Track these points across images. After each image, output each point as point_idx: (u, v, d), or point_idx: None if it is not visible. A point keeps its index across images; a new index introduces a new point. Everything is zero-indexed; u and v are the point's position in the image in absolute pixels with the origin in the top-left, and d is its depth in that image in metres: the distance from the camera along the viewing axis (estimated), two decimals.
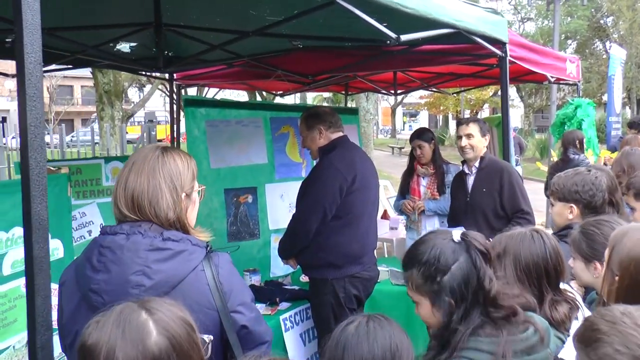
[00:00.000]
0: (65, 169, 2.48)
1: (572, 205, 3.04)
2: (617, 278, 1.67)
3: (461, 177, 4.43)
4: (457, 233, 1.83)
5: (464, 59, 4.72)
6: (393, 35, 2.77)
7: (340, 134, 3.91)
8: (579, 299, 2.25)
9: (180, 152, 1.98)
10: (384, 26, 2.80)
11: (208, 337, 1.57)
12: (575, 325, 2.05)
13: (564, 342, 1.94)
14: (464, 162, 4.38)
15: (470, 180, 4.31)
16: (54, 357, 1.34)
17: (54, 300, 1.86)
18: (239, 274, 2.10)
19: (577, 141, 6.36)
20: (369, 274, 3.86)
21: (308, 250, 3.74)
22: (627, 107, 27.78)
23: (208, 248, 1.89)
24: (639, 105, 28.44)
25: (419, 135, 5.39)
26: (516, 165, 13.47)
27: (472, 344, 1.74)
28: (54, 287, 2.32)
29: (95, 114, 14.76)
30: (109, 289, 1.71)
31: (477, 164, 4.25)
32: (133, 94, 37.68)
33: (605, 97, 25.80)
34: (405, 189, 5.49)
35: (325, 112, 3.94)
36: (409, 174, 5.52)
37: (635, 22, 25.41)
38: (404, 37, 2.86)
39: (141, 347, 1.27)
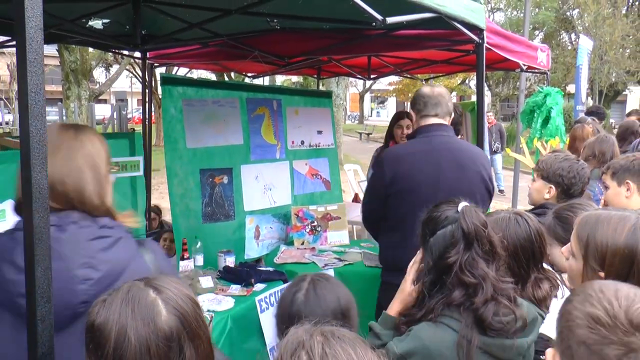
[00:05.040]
0: None
1: (552, 186, 3.16)
2: (602, 274, 1.64)
3: None
4: (462, 204, 1.93)
5: (441, 44, 4.75)
6: (379, 17, 2.76)
7: (431, 121, 3.32)
8: (560, 277, 2.33)
9: (92, 130, 1.81)
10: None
11: (210, 315, 1.57)
12: (555, 303, 2.14)
13: (544, 319, 2.01)
14: None
15: None
16: (53, 330, 1.32)
17: None
18: None
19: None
20: None
21: None
22: (590, 98, 28.38)
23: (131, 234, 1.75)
24: (601, 96, 29.05)
25: (408, 114, 5.44)
26: (497, 153, 13.57)
27: (447, 312, 1.85)
28: None
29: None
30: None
31: None
32: (99, 74, 36.80)
33: (569, 88, 26.31)
34: None
35: (419, 95, 3.38)
36: None
37: (599, 15, 25.85)
38: (390, 20, 2.86)
39: (152, 326, 1.26)
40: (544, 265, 2.31)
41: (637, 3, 31.23)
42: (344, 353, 1.07)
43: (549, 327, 1.98)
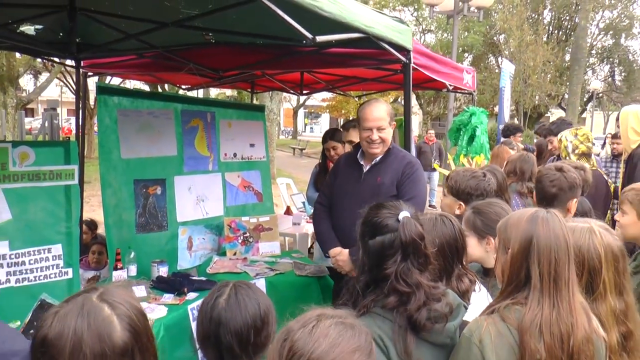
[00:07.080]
0: None
1: (461, 203, 3.38)
2: (509, 250, 1.96)
3: None
4: (403, 214, 2.03)
5: (370, 63, 4.92)
6: (309, 35, 2.91)
7: None
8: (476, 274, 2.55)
9: None
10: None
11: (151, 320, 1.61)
12: (474, 296, 2.35)
13: (466, 309, 2.20)
14: None
15: None
16: None
17: None
18: None
19: None
20: None
21: None
22: (515, 119, 29.68)
23: None
24: (525, 117, 30.38)
25: (332, 136, 5.53)
26: (435, 170, 13.90)
27: (379, 311, 1.98)
28: None
29: None
30: None
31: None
32: (27, 81, 35.30)
33: (496, 109, 27.43)
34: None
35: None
36: (323, 173, 5.68)
37: (523, 40, 27.16)
38: (320, 38, 3.01)
39: (108, 342, 1.32)
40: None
41: (556, 32, 33.03)
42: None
43: (471, 316, 2.18)
